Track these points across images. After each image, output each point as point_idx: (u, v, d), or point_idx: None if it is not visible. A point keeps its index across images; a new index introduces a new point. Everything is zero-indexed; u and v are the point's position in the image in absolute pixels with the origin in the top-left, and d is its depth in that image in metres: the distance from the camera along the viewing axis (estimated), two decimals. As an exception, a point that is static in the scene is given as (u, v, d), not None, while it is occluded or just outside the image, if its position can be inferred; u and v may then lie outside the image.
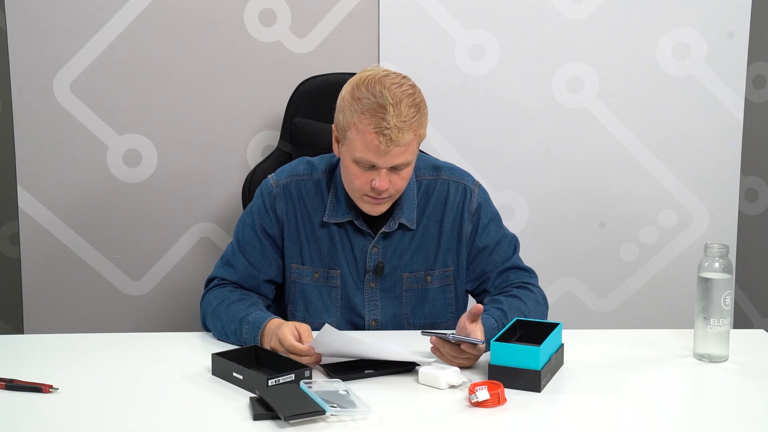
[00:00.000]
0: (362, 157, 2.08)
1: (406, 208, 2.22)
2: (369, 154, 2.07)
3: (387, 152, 2.05)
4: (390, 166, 2.08)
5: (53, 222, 3.00)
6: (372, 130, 2.04)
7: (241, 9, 2.96)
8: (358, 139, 2.07)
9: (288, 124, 2.73)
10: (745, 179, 3.49)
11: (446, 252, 2.26)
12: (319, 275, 2.24)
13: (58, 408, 1.79)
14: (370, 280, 2.24)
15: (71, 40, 2.92)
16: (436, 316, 2.28)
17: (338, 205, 2.22)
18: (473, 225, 2.26)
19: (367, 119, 2.05)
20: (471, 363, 1.98)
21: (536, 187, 3.13)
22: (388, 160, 2.07)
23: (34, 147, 2.96)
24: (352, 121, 2.07)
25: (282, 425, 1.71)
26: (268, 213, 2.24)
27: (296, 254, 2.24)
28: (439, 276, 2.27)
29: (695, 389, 2.00)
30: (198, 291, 3.03)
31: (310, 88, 2.73)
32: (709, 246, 2.05)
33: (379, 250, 2.23)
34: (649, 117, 3.11)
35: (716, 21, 3.07)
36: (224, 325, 2.14)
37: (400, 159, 2.08)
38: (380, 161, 2.07)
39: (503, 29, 3.04)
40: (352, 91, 2.09)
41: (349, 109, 2.08)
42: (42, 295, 3.02)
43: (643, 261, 3.19)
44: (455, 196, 2.26)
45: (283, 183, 2.25)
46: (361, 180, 2.11)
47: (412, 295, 2.26)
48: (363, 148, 2.07)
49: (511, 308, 2.13)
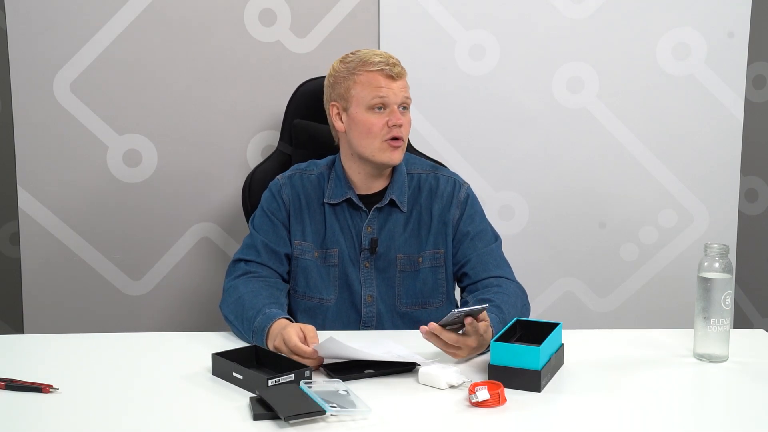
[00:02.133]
0: (376, 95, 2.29)
1: (396, 189, 2.36)
2: (382, 89, 2.29)
3: (395, 82, 2.29)
4: (400, 100, 2.30)
5: (53, 222, 3.00)
6: (375, 69, 2.29)
7: (241, 9, 2.96)
8: (366, 85, 2.30)
9: (287, 125, 2.73)
10: (745, 179, 3.49)
11: (437, 235, 2.37)
12: (319, 254, 2.36)
13: (58, 408, 1.79)
14: (366, 258, 2.35)
15: (71, 40, 2.92)
16: (428, 296, 2.38)
17: (337, 188, 2.36)
18: (461, 211, 2.39)
19: (367, 66, 2.30)
20: (464, 355, 1.99)
21: (536, 187, 3.13)
22: (398, 92, 2.29)
23: (34, 147, 2.96)
24: (353, 79, 2.31)
25: (282, 425, 1.71)
26: (275, 199, 2.38)
27: (299, 232, 2.37)
28: (429, 257, 2.37)
29: (695, 389, 2.00)
30: (198, 291, 3.04)
31: (309, 89, 2.73)
32: (709, 246, 2.05)
33: (374, 229, 2.35)
34: (649, 117, 3.11)
35: (716, 21, 3.07)
36: (245, 311, 2.17)
37: (406, 92, 2.31)
38: (392, 94, 2.29)
39: (503, 29, 3.04)
40: (339, 64, 2.35)
41: (343, 74, 2.33)
42: (42, 295, 3.02)
43: (643, 261, 3.19)
44: (446, 186, 2.40)
45: (288, 174, 2.42)
46: (379, 124, 2.29)
47: (405, 276, 2.37)
48: (375, 87, 2.29)
49: (503, 303, 2.19)
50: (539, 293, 3.16)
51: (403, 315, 2.37)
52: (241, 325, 2.16)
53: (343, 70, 2.33)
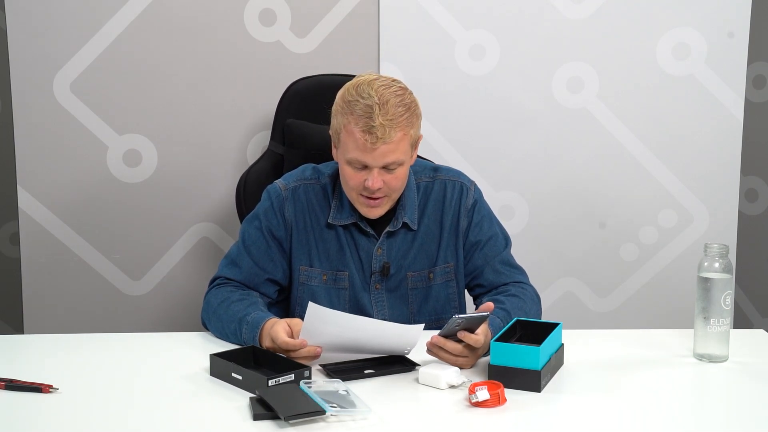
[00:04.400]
0: (353, 157, 2.12)
1: (408, 209, 2.26)
2: (358, 153, 2.11)
3: (374, 149, 2.09)
4: (381, 164, 2.12)
5: (53, 222, 3.00)
6: (359, 129, 2.09)
7: (241, 9, 2.96)
8: (349, 140, 2.12)
9: (279, 125, 2.72)
10: (745, 179, 3.49)
11: (446, 248, 2.29)
12: (328, 277, 2.26)
13: (58, 408, 1.79)
14: (376, 281, 2.27)
15: (71, 40, 2.92)
16: (440, 312, 2.31)
17: (342, 208, 2.25)
18: (468, 220, 2.30)
19: (354, 119, 2.10)
20: (471, 363, 1.98)
21: (536, 187, 3.13)
22: (378, 158, 2.11)
23: (34, 147, 2.96)
24: (343, 123, 2.13)
25: (282, 425, 1.71)
26: (276, 215, 2.26)
27: (305, 256, 2.26)
28: (440, 272, 2.30)
29: (695, 389, 2.00)
30: (198, 291, 3.03)
31: (300, 89, 2.73)
32: (709, 246, 2.05)
33: (384, 251, 2.26)
34: (649, 117, 3.11)
35: (716, 21, 3.07)
36: (224, 326, 2.15)
37: (390, 158, 2.12)
38: (370, 159, 2.11)
39: (503, 29, 3.04)
40: (343, 95, 2.15)
41: (340, 113, 2.14)
42: (42, 295, 3.02)
43: (643, 261, 3.19)
44: (452, 194, 2.30)
45: (292, 187, 2.27)
46: (355, 180, 2.15)
47: (417, 293, 2.29)
48: (353, 148, 2.11)
49: (514, 307, 2.16)
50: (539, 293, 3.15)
51: None
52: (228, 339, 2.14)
53: (340, 107, 2.14)
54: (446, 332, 1.94)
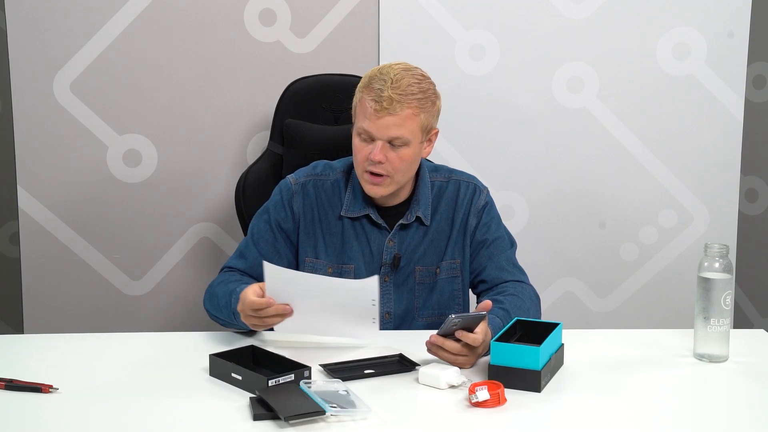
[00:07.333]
0: (360, 126, 2.18)
1: (422, 203, 2.29)
2: (366, 122, 2.16)
3: (379, 118, 2.14)
4: (385, 137, 2.15)
5: (53, 222, 3.00)
6: (370, 98, 2.15)
7: (241, 9, 2.96)
8: (360, 111, 2.19)
9: (278, 125, 2.72)
10: (745, 179, 3.49)
11: (454, 245, 2.32)
12: (333, 270, 2.28)
13: (58, 408, 1.79)
14: (386, 273, 2.29)
15: (71, 40, 2.92)
16: (444, 308, 2.33)
17: (355, 200, 2.28)
18: (477, 220, 2.33)
19: (368, 91, 2.17)
20: (472, 362, 1.98)
21: (536, 187, 3.13)
22: (382, 129, 2.15)
23: (34, 147, 2.96)
24: (359, 98, 2.20)
25: (282, 425, 1.71)
26: (284, 208, 2.29)
27: (311, 249, 2.29)
28: (446, 267, 2.32)
29: (695, 389, 2.00)
30: (198, 291, 3.03)
31: (299, 88, 2.73)
32: (709, 246, 2.05)
33: (395, 243, 2.29)
34: (649, 117, 3.12)
35: (716, 21, 3.07)
36: (218, 301, 2.18)
37: (395, 132, 2.15)
38: (374, 129, 2.15)
39: (503, 29, 3.04)
40: (367, 74, 2.21)
41: (359, 89, 2.21)
42: (42, 295, 3.02)
43: (643, 261, 3.19)
44: (465, 194, 2.34)
45: (302, 181, 2.31)
46: (362, 153, 2.19)
47: (423, 288, 2.32)
48: (362, 118, 2.17)
49: (513, 307, 2.16)
50: (539, 293, 3.15)
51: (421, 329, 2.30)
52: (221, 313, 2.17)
53: (361, 84, 2.20)
54: (444, 332, 1.94)
